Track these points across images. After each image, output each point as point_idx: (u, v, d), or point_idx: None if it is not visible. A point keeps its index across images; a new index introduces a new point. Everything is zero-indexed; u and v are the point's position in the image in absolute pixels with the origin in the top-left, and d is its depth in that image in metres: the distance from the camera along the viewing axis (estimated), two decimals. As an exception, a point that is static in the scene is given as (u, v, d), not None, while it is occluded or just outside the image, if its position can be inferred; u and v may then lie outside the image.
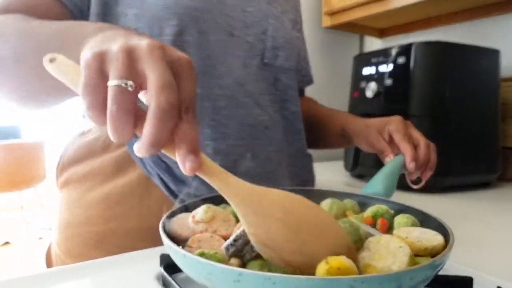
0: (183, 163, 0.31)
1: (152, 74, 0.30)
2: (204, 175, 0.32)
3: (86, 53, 0.32)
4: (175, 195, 0.61)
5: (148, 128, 0.29)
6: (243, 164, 0.62)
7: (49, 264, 0.71)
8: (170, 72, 0.31)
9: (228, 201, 0.33)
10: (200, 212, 0.40)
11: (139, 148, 0.30)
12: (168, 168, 0.61)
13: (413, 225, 0.42)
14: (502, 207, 0.85)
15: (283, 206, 0.33)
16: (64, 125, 2.86)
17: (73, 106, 0.73)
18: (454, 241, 0.35)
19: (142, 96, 0.32)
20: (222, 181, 0.33)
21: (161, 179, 0.61)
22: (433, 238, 0.37)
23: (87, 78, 0.31)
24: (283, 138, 0.68)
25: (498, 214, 0.80)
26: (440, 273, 0.34)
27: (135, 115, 0.30)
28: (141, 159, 0.61)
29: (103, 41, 0.33)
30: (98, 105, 0.30)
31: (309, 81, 0.86)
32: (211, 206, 0.42)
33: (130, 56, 0.31)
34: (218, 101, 0.61)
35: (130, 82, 0.30)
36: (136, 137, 0.31)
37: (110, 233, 0.61)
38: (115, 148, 0.63)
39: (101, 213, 0.62)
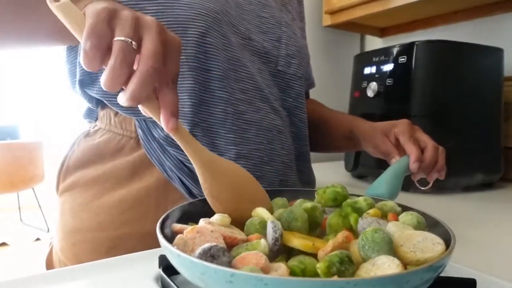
0: (167, 122, 0.37)
1: (148, 42, 0.36)
2: (178, 137, 0.40)
3: (98, 4, 0.36)
4: (196, 198, 0.60)
5: (131, 84, 0.35)
6: (261, 168, 0.62)
7: None
8: (163, 46, 0.36)
9: (192, 161, 0.42)
10: (217, 215, 0.42)
11: (120, 98, 0.36)
12: (191, 173, 0.60)
13: (418, 222, 0.41)
14: (505, 208, 0.84)
15: (232, 174, 0.45)
16: (64, 125, 2.86)
17: (72, 106, 0.71)
18: (456, 242, 0.34)
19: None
20: (190, 145, 0.42)
21: (183, 183, 0.60)
22: (429, 248, 0.35)
23: (95, 24, 0.35)
24: (292, 142, 0.69)
25: (501, 215, 0.79)
26: (443, 275, 0.34)
27: (130, 71, 0.35)
28: (161, 163, 0.60)
29: (114, 3, 0.38)
30: (98, 51, 0.34)
31: (311, 84, 0.87)
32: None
33: (137, 22, 0.36)
34: (239, 106, 0.61)
35: (134, 42, 0.35)
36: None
37: (124, 238, 0.60)
38: (129, 151, 0.62)
39: (114, 218, 0.60)
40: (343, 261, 0.31)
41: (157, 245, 0.45)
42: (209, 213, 0.43)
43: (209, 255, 0.32)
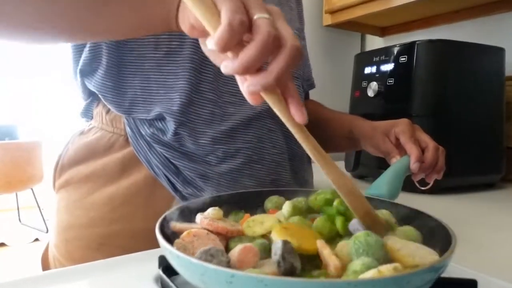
0: (300, 111, 0.37)
1: (286, 28, 0.36)
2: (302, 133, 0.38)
3: None
4: (182, 196, 0.61)
5: (247, 51, 0.34)
6: (250, 166, 0.62)
7: (45, 268, 0.70)
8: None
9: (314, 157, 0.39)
10: (210, 209, 0.43)
11: (234, 67, 0.35)
12: (177, 170, 0.61)
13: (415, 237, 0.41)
14: (506, 208, 0.84)
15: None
16: (62, 125, 2.85)
17: (71, 106, 0.71)
18: (457, 243, 0.34)
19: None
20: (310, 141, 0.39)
21: (169, 180, 0.61)
22: (427, 255, 0.35)
23: (237, 3, 0.35)
24: (284, 141, 0.69)
25: (502, 215, 0.79)
26: (444, 275, 0.33)
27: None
28: (148, 161, 0.61)
29: None
30: (243, 27, 0.34)
31: (311, 85, 0.87)
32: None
33: (264, 5, 0.37)
34: (228, 108, 0.62)
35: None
36: None
37: (114, 235, 0.60)
38: (119, 149, 0.63)
39: (105, 214, 0.61)
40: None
41: (147, 242, 0.47)
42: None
43: (209, 254, 0.33)
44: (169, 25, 0.44)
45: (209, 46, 0.35)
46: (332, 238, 0.39)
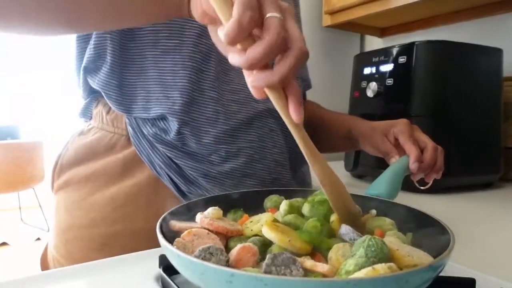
0: (298, 110, 0.37)
1: (294, 26, 0.38)
2: (299, 132, 0.39)
3: None
4: (185, 195, 0.61)
5: (255, 49, 0.35)
6: (252, 166, 0.63)
7: (45, 269, 0.69)
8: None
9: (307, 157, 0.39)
10: (210, 209, 0.43)
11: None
12: (180, 170, 0.61)
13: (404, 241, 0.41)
14: (504, 208, 0.85)
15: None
16: (63, 124, 2.86)
17: (72, 106, 0.71)
18: (455, 242, 0.34)
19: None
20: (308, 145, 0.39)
21: (171, 180, 0.61)
22: (424, 256, 0.35)
23: (248, 10, 0.34)
24: (285, 141, 0.69)
25: (500, 214, 0.79)
26: (442, 274, 0.33)
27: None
28: (150, 160, 0.61)
29: None
30: (254, 23, 0.35)
31: (308, 85, 0.87)
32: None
33: (278, 4, 0.37)
34: (231, 106, 0.62)
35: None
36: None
37: (116, 235, 0.60)
38: (120, 149, 0.63)
39: (107, 215, 0.61)
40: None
41: (148, 241, 0.46)
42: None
43: (208, 252, 0.33)
44: (181, 11, 0.44)
45: (220, 35, 0.36)
46: (320, 242, 0.38)
